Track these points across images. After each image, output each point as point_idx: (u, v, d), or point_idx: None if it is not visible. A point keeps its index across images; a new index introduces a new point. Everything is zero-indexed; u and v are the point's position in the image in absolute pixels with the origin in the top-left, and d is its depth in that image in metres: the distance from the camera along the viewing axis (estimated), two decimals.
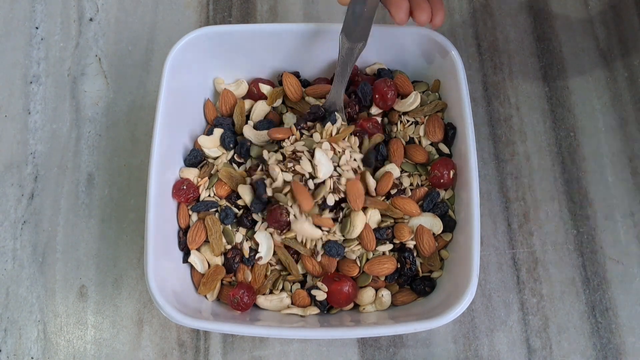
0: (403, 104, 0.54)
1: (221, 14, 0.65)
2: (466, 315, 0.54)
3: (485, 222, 0.56)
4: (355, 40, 0.50)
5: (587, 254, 0.56)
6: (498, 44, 0.63)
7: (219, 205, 0.52)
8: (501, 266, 0.55)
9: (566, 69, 0.62)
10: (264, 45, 0.55)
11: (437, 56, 0.54)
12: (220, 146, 0.54)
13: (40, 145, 0.60)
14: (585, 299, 0.54)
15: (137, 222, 0.57)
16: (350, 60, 0.51)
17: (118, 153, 0.60)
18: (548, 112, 0.60)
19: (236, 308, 0.49)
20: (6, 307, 0.55)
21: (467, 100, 0.51)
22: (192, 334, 0.54)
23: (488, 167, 0.58)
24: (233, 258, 0.51)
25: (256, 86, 0.56)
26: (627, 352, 0.53)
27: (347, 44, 0.51)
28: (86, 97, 0.62)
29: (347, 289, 0.49)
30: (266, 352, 0.53)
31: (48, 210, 0.58)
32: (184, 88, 0.54)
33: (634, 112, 0.60)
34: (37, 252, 0.57)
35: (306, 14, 0.65)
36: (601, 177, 0.58)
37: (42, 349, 0.54)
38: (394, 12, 0.47)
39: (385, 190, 0.52)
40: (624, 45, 0.62)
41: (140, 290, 0.55)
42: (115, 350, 0.54)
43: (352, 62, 0.51)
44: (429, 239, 0.50)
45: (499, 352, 0.53)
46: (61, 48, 0.64)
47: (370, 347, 0.53)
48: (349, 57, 0.51)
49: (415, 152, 0.53)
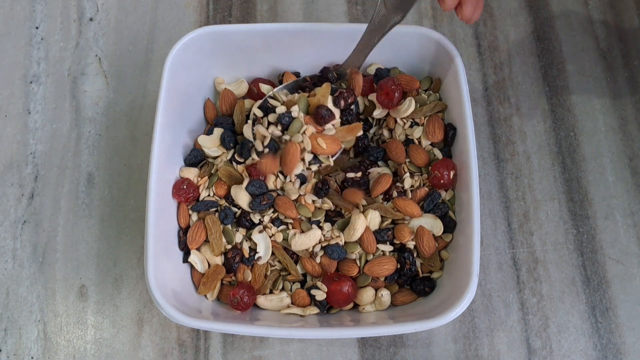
0: (398, 110, 0.54)
1: (221, 13, 0.65)
2: (466, 315, 0.54)
3: (485, 222, 0.56)
4: (394, 10, 0.46)
5: (587, 254, 0.56)
6: (498, 44, 0.63)
7: (219, 205, 0.52)
8: (501, 266, 0.55)
9: (566, 69, 0.62)
10: (264, 45, 0.55)
11: (437, 56, 0.54)
12: (220, 146, 0.54)
13: (40, 145, 0.60)
14: (585, 299, 0.54)
15: (137, 222, 0.57)
16: (380, 30, 0.48)
17: (118, 153, 0.60)
18: (548, 112, 0.60)
19: (236, 308, 0.49)
20: (6, 307, 0.55)
21: (467, 100, 0.51)
22: (192, 333, 0.54)
23: (488, 167, 0.58)
24: (233, 258, 0.51)
25: (256, 86, 0.56)
26: (627, 352, 0.53)
27: (383, 11, 0.47)
28: (86, 97, 0.62)
29: (347, 289, 0.49)
30: (266, 352, 0.53)
31: (48, 210, 0.58)
32: (184, 88, 0.54)
33: (634, 112, 0.60)
34: (37, 252, 0.57)
35: (306, 14, 0.65)
36: (601, 177, 0.58)
37: (42, 349, 0.54)
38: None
39: (380, 192, 0.52)
40: (624, 45, 0.62)
41: (140, 290, 0.55)
42: (115, 350, 0.54)
43: (382, 32, 0.48)
44: (429, 240, 0.50)
45: (499, 352, 0.53)
46: (61, 48, 0.64)
47: (370, 347, 0.53)
48: (380, 26, 0.47)
49: (416, 153, 0.53)
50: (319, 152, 0.50)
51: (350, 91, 0.51)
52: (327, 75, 0.53)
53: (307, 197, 0.51)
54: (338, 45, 0.55)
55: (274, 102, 0.51)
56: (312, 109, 0.50)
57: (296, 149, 0.49)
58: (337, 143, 0.50)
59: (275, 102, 0.51)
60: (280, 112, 0.50)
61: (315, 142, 0.49)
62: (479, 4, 0.46)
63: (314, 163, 0.50)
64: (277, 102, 0.51)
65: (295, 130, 0.49)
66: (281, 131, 0.50)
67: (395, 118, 0.54)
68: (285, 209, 0.50)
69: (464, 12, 0.45)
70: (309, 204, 0.51)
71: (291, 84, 0.54)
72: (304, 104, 0.51)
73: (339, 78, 0.53)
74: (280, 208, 0.51)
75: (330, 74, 0.53)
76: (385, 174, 0.53)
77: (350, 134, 0.51)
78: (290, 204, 0.50)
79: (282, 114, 0.50)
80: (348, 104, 0.51)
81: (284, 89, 0.54)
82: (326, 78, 0.53)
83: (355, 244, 0.50)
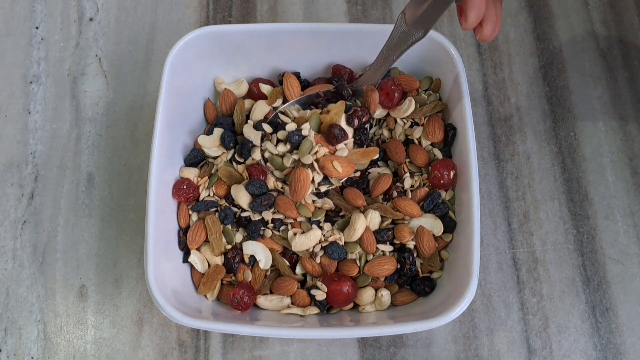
0: (398, 110, 0.54)
1: (221, 13, 0.65)
2: (466, 315, 0.54)
3: (485, 222, 0.56)
4: (415, 27, 0.44)
5: (587, 254, 0.56)
6: (498, 44, 0.63)
7: (219, 205, 0.52)
8: (501, 266, 0.55)
9: (566, 69, 0.62)
10: (264, 45, 0.55)
11: (437, 56, 0.54)
12: (220, 146, 0.54)
13: (40, 145, 0.60)
14: (585, 299, 0.54)
15: (137, 222, 0.57)
16: (400, 47, 0.46)
17: (118, 153, 0.60)
18: (548, 112, 0.60)
19: (236, 308, 0.49)
20: (6, 307, 0.55)
21: (467, 100, 0.51)
22: (192, 333, 0.54)
23: (488, 167, 0.58)
24: (233, 258, 0.51)
25: (256, 86, 0.56)
26: (627, 352, 0.53)
27: (403, 27, 0.45)
28: (86, 97, 0.62)
29: (347, 288, 0.49)
30: (266, 352, 0.53)
31: (48, 210, 0.58)
32: (184, 88, 0.54)
33: (634, 112, 0.60)
34: (37, 252, 0.57)
35: (306, 14, 0.65)
36: (601, 177, 0.58)
37: (42, 349, 0.54)
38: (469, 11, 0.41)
39: (380, 192, 0.52)
40: (624, 45, 0.62)
41: (140, 290, 0.55)
42: (115, 350, 0.54)
43: (402, 49, 0.46)
44: (429, 240, 0.50)
45: (499, 352, 0.53)
46: (61, 48, 0.64)
47: (370, 347, 0.53)
48: (401, 42, 0.45)
49: (416, 153, 0.53)
50: (332, 175, 0.49)
51: (365, 110, 0.50)
52: (342, 91, 0.51)
53: (307, 197, 0.51)
54: (338, 45, 0.55)
55: (285, 118, 0.50)
56: (324, 127, 0.49)
57: (306, 176, 0.48)
58: (351, 166, 0.49)
59: (285, 118, 0.50)
60: (290, 130, 0.49)
61: (330, 165, 0.48)
62: (497, 23, 0.43)
63: (324, 184, 0.49)
64: (288, 119, 0.50)
65: (306, 151, 0.48)
66: (290, 150, 0.49)
67: (395, 118, 0.54)
68: (285, 209, 0.50)
69: (484, 32, 0.43)
70: (309, 204, 0.51)
71: (303, 98, 0.53)
72: (316, 121, 0.49)
73: (354, 95, 0.52)
74: (281, 208, 0.51)
75: (345, 91, 0.51)
76: (385, 174, 0.53)
77: (365, 157, 0.50)
78: (290, 204, 0.50)
79: (291, 131, 0.48)
80: (362, 122, 0.50)
81: (295, 103, 0.52)
82: (341, 95, 0.51)
83: (355, 244, 0.50)
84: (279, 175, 0.51)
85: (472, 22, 0.42)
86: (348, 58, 0.56)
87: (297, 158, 0.49)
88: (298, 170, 0.48)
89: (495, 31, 0.43)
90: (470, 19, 0.41)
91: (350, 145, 0.51)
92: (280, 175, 0.51)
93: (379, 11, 0.65)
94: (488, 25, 0.43)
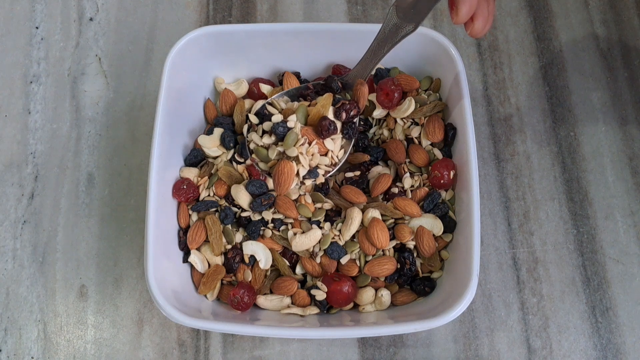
0: (398, 110, 0.53)
1: (221, 13, 0.65)
2: (466, 315, 0.54)
3: (485, 222, 0.56)
4: (406, 20, 0.44)
5: (587, 253, 0.56)
6: (498, 44, 0.63)
7: (219, 205, 0.52)
8: (501, 266, 0.55)
9: (566, 69, 0.62)
10: (264, 45, 0.55)
11: (437, 56, 0.54)
12: (221, 146, 0.54)
13: (40, 145, 0.60)
14: (585, 299, 0.54)
15: (137, 222, 0.57)
16: (391, 40, 0.45)
17: (118, 153, 0.60)
18: (548, 112, 0.60)
19: (236, 308, 0.49)
20: (6, 307, 0.55)
21: (467, 100, 0.51)
22: (192, 333, 0.54)
23: (488, 167, 0.58)
24: (233, 258, 0.51)
25: (256, 86, 0.56)
26: (627, 352, 0.53)
27: (394, 20, 0.44)
28: (86, 97, 0.62)
29: (347, 288, 0.49)
30: (266, 352, 0.53)
31: (48, 210, 0.58)
32: (184, 88, 0.54)
33: (634, 112, 0.60)
34: (37, 252, 0.57)
35: (306, 14, 0.65)
36: (601, 177, 0.58)
37: (42, 349, 0.54)
38: (460, 5, 0.41)
39: (380, 192, 0.52)
40: (624, 45, 0.62)
41: (140, 290, 0.55)
42: (115, 350, 0.54)
43: (392, 42, 0.45)
44: (429, 240, 0.50)
45: (499, 352, 0.53)
46: (61, 48, 0.64)
47: (370, 347, 0.53)
48: (391, 35, 0.45)
49: (416, 153, 0.53)
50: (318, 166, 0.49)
51: (354, 103, 0.49)
52: (331, 84, 0.51)
53: (307, 197, 0.51)
54: (338, 45, 0.55)
55: (272, 109, 0.50)
56: (311, 119, 0.49)
57: (291, 169, 0.47)
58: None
59: (272, 109, 0.50)
60: (275, 121, 0.48)
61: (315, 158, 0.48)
62: (489, 19, 0.43)
63: (309, 177, 0.49)
64: (275, 110, 0.50)
65: (291, 144, 0.47)
66: (275, 142, 0.48)
67: (395, 118, 0.54)
68: (285, 209, 0.50)
69: (475, 27, 0.42)
70: (309, 204, 0.51)
71: (293, 90, 0.52)
72: (303, 113, 0.49)
73: (344, 88, 0.51)
74: (281, 208, 0.51)
75: (334, 84, 0.51)
76: (385, 173, 0.53)
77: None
78: (290, 204, 0.50)
79: (276, 123, 0.48)
80: (350, 116, 0.49)
81: (284, 95, 0.52)
82: (330, 87, 0.51)
83: (355, 244, 0.50)
84: (264, 167, 0.50)
85: (463, 17, 0.41)
86: (348, 58, 0.56)
87: (282, 150, 0.48)
88: (282, 162, 0.48)
89: (487, 27, 0.43)
90: (461, 12, 0.41)
91: (339, 139, 0.50)
92: (266, 168, 0.50)
93: (379, 11, 0.65)
94: (479, 20, 0.42)
